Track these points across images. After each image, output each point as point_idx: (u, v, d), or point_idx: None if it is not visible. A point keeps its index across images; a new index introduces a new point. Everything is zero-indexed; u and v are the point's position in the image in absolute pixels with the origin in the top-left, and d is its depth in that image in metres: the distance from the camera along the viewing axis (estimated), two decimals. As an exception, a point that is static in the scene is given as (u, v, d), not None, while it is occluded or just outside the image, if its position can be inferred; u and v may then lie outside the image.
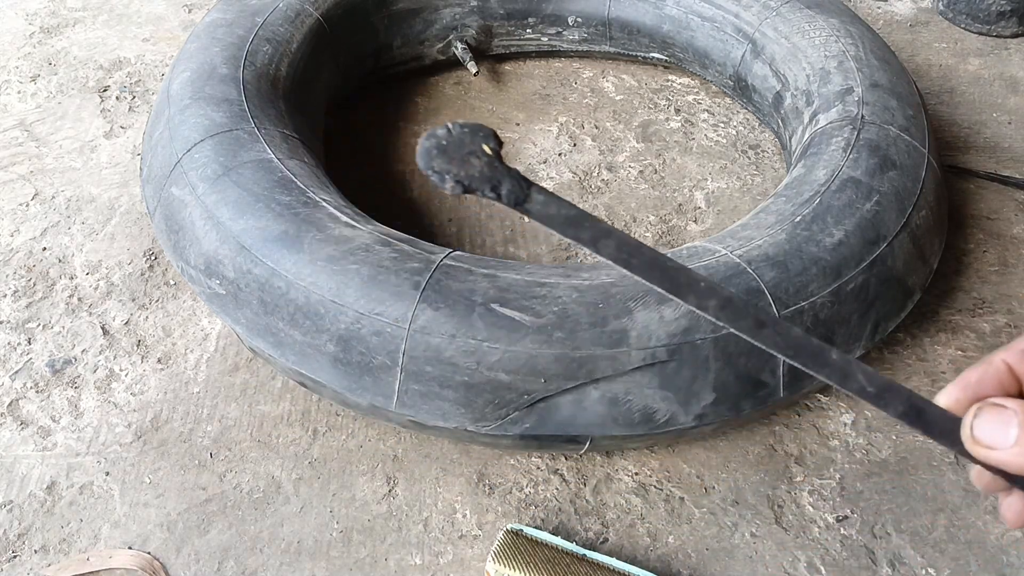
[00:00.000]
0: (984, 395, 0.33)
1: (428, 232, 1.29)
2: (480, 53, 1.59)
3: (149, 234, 1.26)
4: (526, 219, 1.31)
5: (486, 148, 0.36)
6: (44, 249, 1.24)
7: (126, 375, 1.08)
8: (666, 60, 1.58)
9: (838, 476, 1.00)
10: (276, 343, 0.93)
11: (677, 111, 1.54)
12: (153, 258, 1.23)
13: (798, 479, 0.99)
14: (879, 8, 1.87)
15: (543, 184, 1.39)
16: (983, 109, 1.57)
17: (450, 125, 0.36)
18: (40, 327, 1.13)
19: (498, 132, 1.40)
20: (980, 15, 1.75)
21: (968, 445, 0.30)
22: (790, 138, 1.32)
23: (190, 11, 1.77)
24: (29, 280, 1.19)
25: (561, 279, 0.91)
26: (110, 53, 1.64)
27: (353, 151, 1.44)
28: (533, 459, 1.00)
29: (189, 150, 1.06)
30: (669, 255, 0.99)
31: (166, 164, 1.09)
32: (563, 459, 1.00)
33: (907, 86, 1.25)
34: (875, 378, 0.33)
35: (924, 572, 0.92)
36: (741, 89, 1.47)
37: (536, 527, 0.91)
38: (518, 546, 0.86)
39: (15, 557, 0.91)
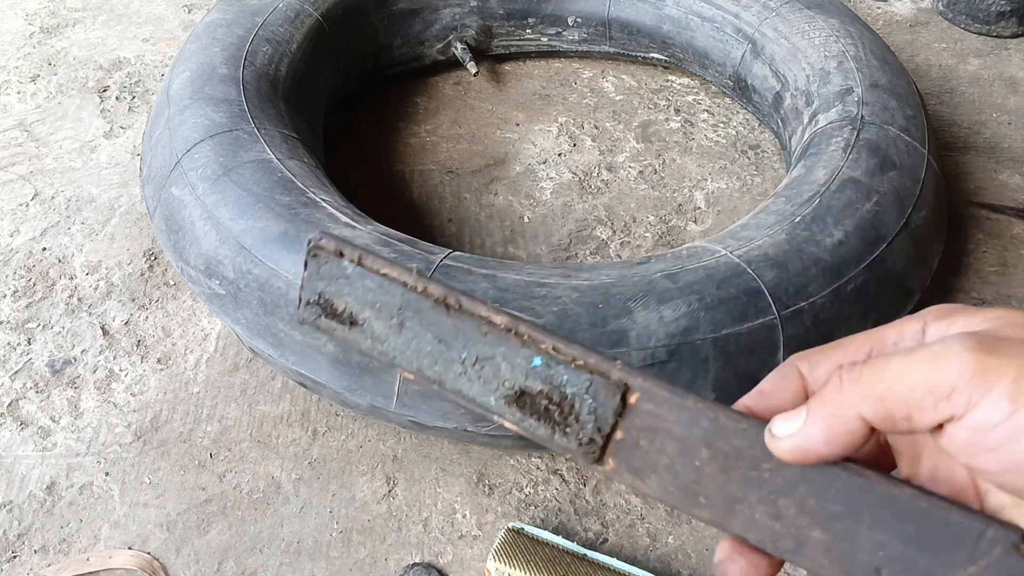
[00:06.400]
0: (776, 406, 0.33)
1: (428, 232, 1.29)
2: (480, 53, 1.59)
3: (149, 234, 1.26)
4: (526, 219, 1.32)
5: None
6: (44, 249, 1.24)
7: (126, 375, 1.08)
8: (666, 60, 1.58)
9: (838, 476, 1.00)
10: (276, 343, 0.93)
11: (677, 111, 1.54)
12: (153, 258, 1.23)
13: (798, 479, 0.99)
14: (879, 8, 1.87)
15: (543, 185, 1.39)
16: (983, 109, 1.57)
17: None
18: (40, 327, 1.13)
19: (499, 131, 1.37)
20: (980, 15, 1.75)
21: (770, 446, 0.31)
22: (790, 138, 1.32)
23: (190, 11, 1.77)
24: (29, 280, 1.19)
25: (561, 279, 0.91)
26: (110, 53, 1.64)
27: (353, 151, 1.44)
28: (533, 459, 1.00)
29: (189, 150, 1.06)
30: (669, 255, 0.99)
31: (166, 164, 1.09)
32: (563, 459, 1.00)
33: (907, 86, 1.25)
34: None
35: (924, 572, 0.91)
36: (741, 89, 1.47)
37: (537, 527, 0.91)
38: (519, 545, 0.86)
39: (15, 557, 0.91)
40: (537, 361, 0.32)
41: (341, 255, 0.35)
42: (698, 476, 0.32)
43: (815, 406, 0.30)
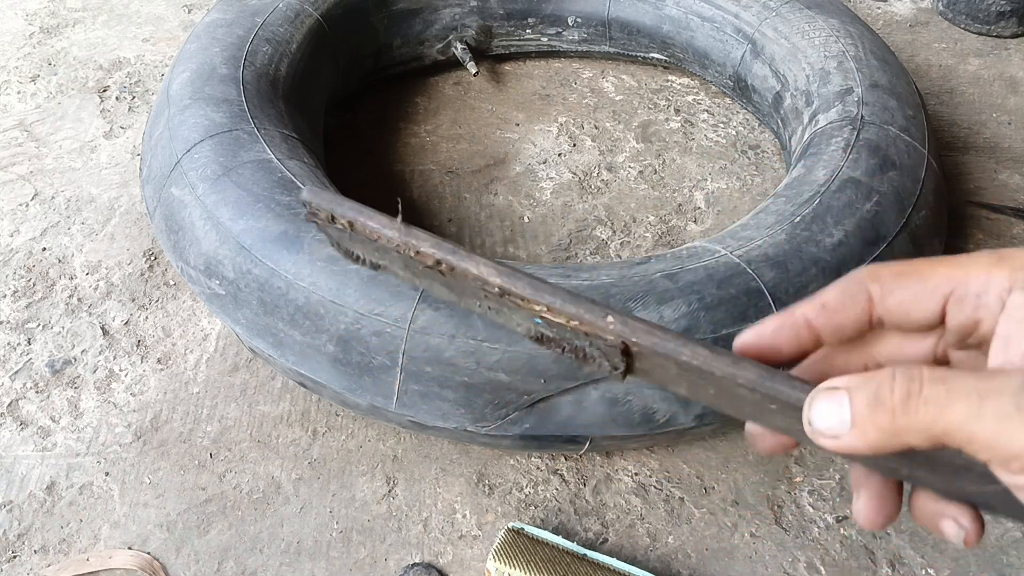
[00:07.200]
0: (777, 348, 0.33)
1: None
2: (480, 53, 1.59)
3: (149, 234, 1.26)
4: (526, 219, 1.32)
5: None
6: (44, 249, 1.24)
7: (126, 375, 1.08)
8: (666, 60, 1.58)
9: (838, 476, 1.00)
10: (276, 343, 0.93)
11: (677, 111, 1.54)
12: (153, 258, 1.23)
13: (798, 479, 0.99)
14: (879, 8, 1.87)
15: (543, 185, 1.39)
16: (983, 109, 1.57)
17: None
18: (40, 327, 1.13)
19: (499, 133, 1.38)
20: (980, 15, 1.75)
21: (814, 439, 0.29)
22: (790, 138, 1.32)
23: (190, 11, 1.77)
24: (29, 280, 1.19)
25: (561, 279, 0.91)
26: (110, 53, 1.64)
27: (353, 151, 1.44)
28: (533, 459, 1.00)
29: (189, 150, 1.06)
30: (669, 255, 0.99)
31: (166, 164, 1.09)
32: (563, 459, 1.00)
33: (907, 86, 1.25)
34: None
35: (924, 572, 0.92)
36: (741, 89, 1.47)
37: (537, 527, 0.91)
38: (519, 545, 0.86)
39: (15, 557, 0.91)
40: (538, 320, 0.34)
41: (333, 219, 0.36)
42: (716, 392, 0.32)
43: (867, 416, 0.28)
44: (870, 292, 0.31)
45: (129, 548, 0.92)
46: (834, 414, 0.28)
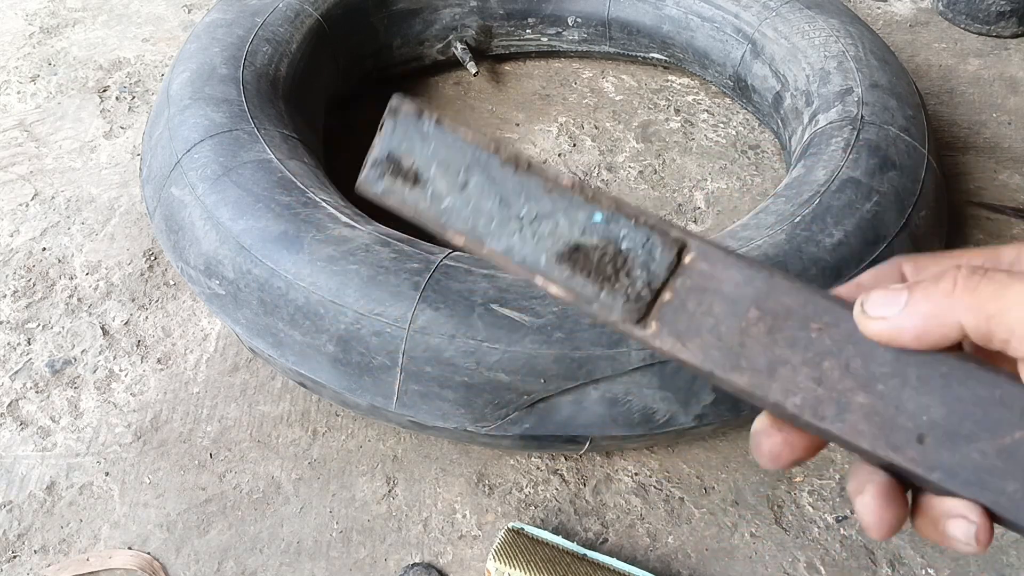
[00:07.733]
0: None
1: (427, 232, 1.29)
2: (480, 53, 1.59)
3: (149, 234, 1.26)
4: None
5: None
6: (44, 249, 1.24)
7: (126, 375, 1.08)
8: (666, 60, 1.58)
9: (838, 476, 1.00)
10: (276, 343, 0.93)
11: (677, 111, 1.54)
12: (153, 258, 1.23)
13: (798, 479, 0.99)
14: (879, 8, 1.87)
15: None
16: (983, 109, 1.57)
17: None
18: (40, 327, 1.13)
19: (499, 134, 1.36)
20: (980, 15, 1.75)
21: (859, 320, 0.30)
22: (790, 138, 1.32)
23: (190, 11, 1.77)
24: (29, 280, 1.19)
25: (561, 279, 0.91)
26: (110, 53, 1.64)
27: (353, 151, 1.43)
28: (533, 459, 1.00)
29: (189, 150, 1.06)
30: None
31: (166, 164, 1.09)
32: (563, 459, 1.00)
33: (907, 86, 1.25)
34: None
35: (924, 572, 0.92)
36: (741, 89, 1.47)
37: (537, 527, 0.91)
38: (519, 545, 0.86)
39: (15, 557, 0.91)
40: (598, 217, 0.32)
41: (420, 115, 0.35)
42: (743, 338, 0.31)
43: (919, 298, 0.29)
44: (903, 271, 0.32)
45: (129, 548, 0.92)
46: (891, 299, 0.29)
